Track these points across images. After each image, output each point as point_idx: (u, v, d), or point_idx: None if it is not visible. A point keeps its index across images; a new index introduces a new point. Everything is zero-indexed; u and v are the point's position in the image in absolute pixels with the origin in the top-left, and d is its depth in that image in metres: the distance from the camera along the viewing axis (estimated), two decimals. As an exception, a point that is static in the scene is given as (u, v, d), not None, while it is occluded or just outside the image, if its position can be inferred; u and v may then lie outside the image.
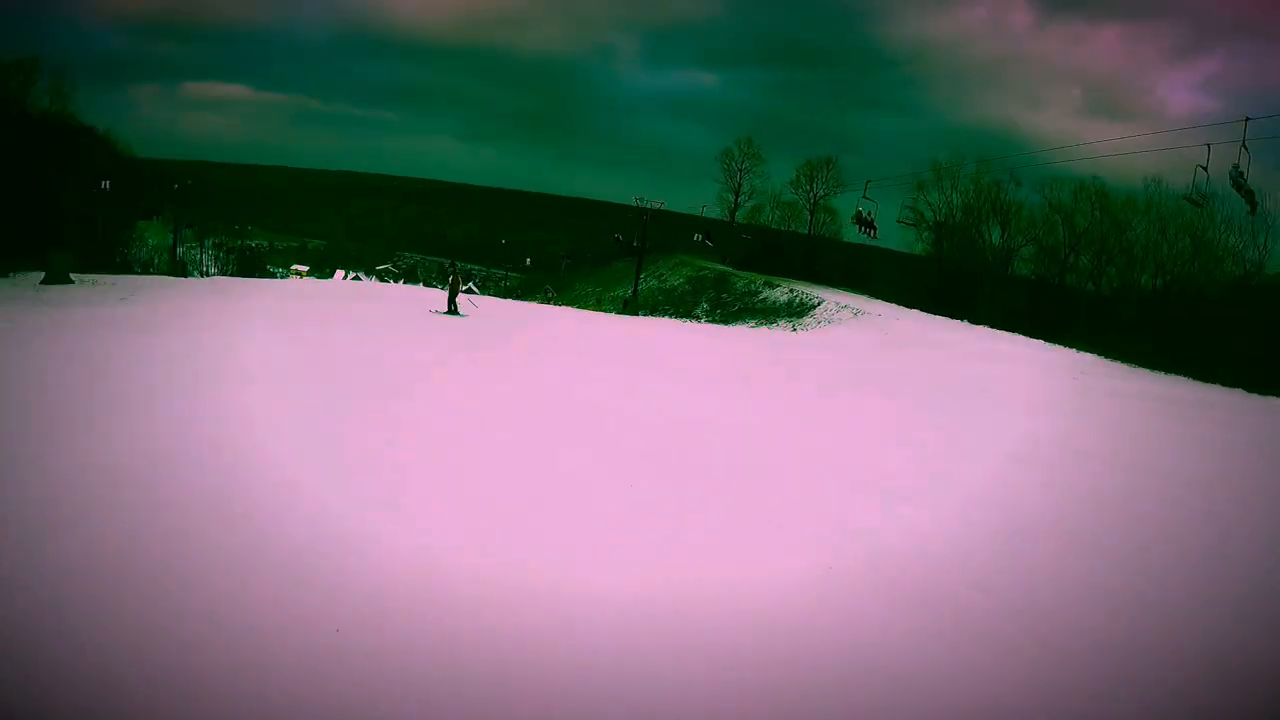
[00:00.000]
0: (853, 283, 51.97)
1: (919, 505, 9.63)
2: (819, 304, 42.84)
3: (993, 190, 52.23)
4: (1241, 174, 24.70)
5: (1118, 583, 7.74)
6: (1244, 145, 24.07)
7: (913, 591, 6.98)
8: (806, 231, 63.77)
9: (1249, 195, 25.36)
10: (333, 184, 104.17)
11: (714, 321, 47.27)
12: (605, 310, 54.20)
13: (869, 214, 33.26)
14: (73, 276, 29.49)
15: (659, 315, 50.72)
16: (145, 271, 49.99)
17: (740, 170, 65.03)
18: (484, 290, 76.78)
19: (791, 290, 47.02)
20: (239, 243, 75.61)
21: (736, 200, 64.74)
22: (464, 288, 68.61)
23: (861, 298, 45.75)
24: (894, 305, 43.96)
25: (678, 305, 52.44)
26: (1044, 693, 5.56)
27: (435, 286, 73.66)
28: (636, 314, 50.49)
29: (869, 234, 33.61)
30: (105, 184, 41.17)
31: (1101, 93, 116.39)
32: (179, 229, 56.30)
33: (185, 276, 47.06)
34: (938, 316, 40.93)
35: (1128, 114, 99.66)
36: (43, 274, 29.43)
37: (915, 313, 41.68)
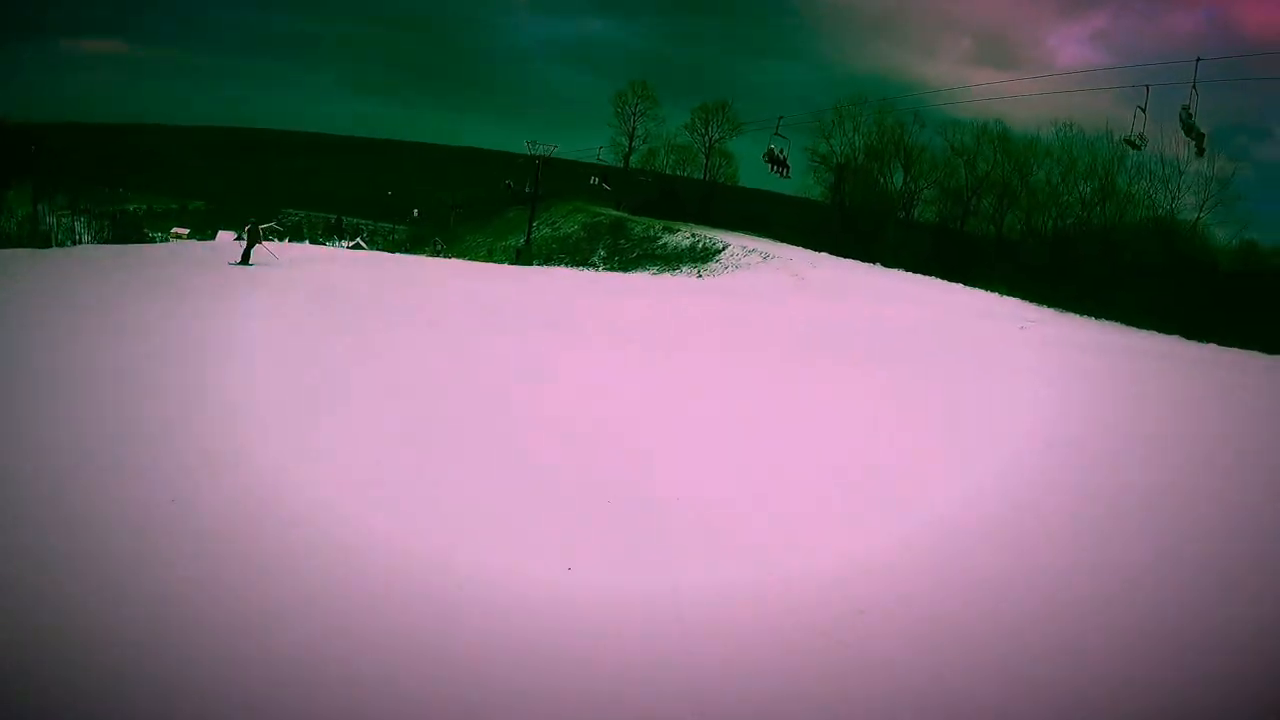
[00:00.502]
0: (752, 227, 48.23)
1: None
2: (724, 249, 38.54)
3: (896, 132, 49.31)
4: (1191, 115, 22.96)
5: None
6: (1194, 87, 22.69)
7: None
8: (702, 176, 59.98)
9: (1199, 137, 23.90)
10: (214, 141, 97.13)
11: (611, 269, 43.00)
12: (497, 261, 49.77)
13: (782, 152, 29.64)
14: None
15: (554, 264, 46.37)
16: (6, 244, 43.66)
17: (634, 114, 60.62)
18: (371, 244, 71.73)
19: (693, 235, 42.66)
20: (111, 208, 68.44)
21: (631, 144, 60.32)
22: (351, 241, 63.90)
23: (766, 241, 41.65)
24: (801, 249, 39.92)
25: (573, 253, 47.98)
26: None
27: (322, 244, 69.00)
28: (531, 264, 46.14)
29: (781, 173, 30.02)
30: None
31: (992, 43, 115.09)
32: (38, 196, 49.68)
33: (48, 247, 41.80)
34: (848, 259, 37.34)
35: (1017, 64, 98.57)
36: None
37: (825, 256, 37.74)
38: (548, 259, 47.77)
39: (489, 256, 53.45)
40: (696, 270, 37.04)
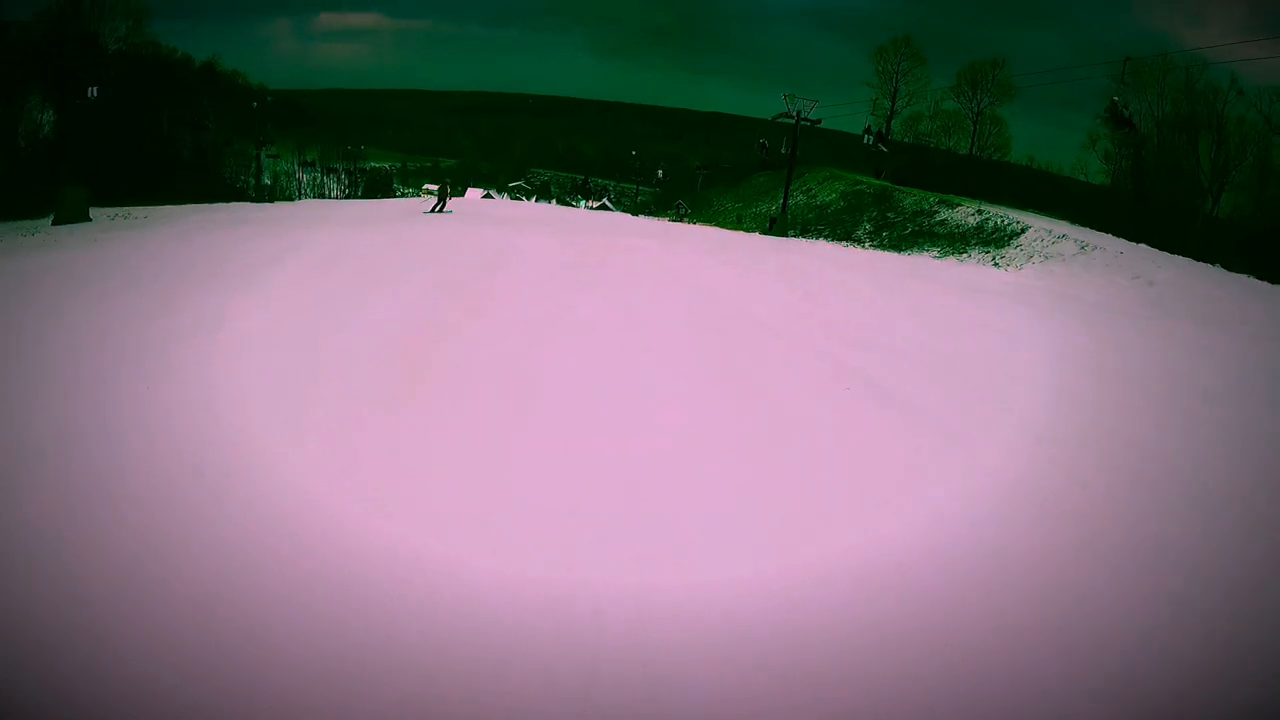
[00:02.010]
0: (1041, 206, 40.78)
1: None
2: (1022, 231, 31.00)
3: (1209, 98, 40.11)
4: None
5: None
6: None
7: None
8: (969, 145, 52.50)
9: None
10: (463, 104, 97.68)
11: (879, 247, 37.15)
12: (746, 229, 45.15)
13: (1125, 106, 22.82)
14: (96, 214, 25.49)
15: (812, 237, 41.08)
16: (238, 198, 43.83)
17: (896, 72, 53.49)
18: (617, 206, 69.28)
19: (980, 211, 35.21)
20: (350, 165, 69.35)
21: (893, 107, 53.32)
22: (597, 202, 63.22)
23: (1068, 224, 33.69)
24: (1117, 238, 30.57)
25: (834, 225, 42.27)
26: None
27: (569, 204, 68.26)
28: (785, 234, 41.18)
29: (1127, 133, 23.36)
30: (92, 91, 33.25)
31: (1272, 11, 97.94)
32: (260, 151, 50.15)
33: (270, 202, 41.62)
34: (1174, 256, 28.09)
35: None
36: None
37: (1145, 248, 29.10)
38: (804, 230, 42.50)
39: (738, 224, 48.79)
40: (991, 257, 30.46)
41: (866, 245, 37.71)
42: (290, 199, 52.55)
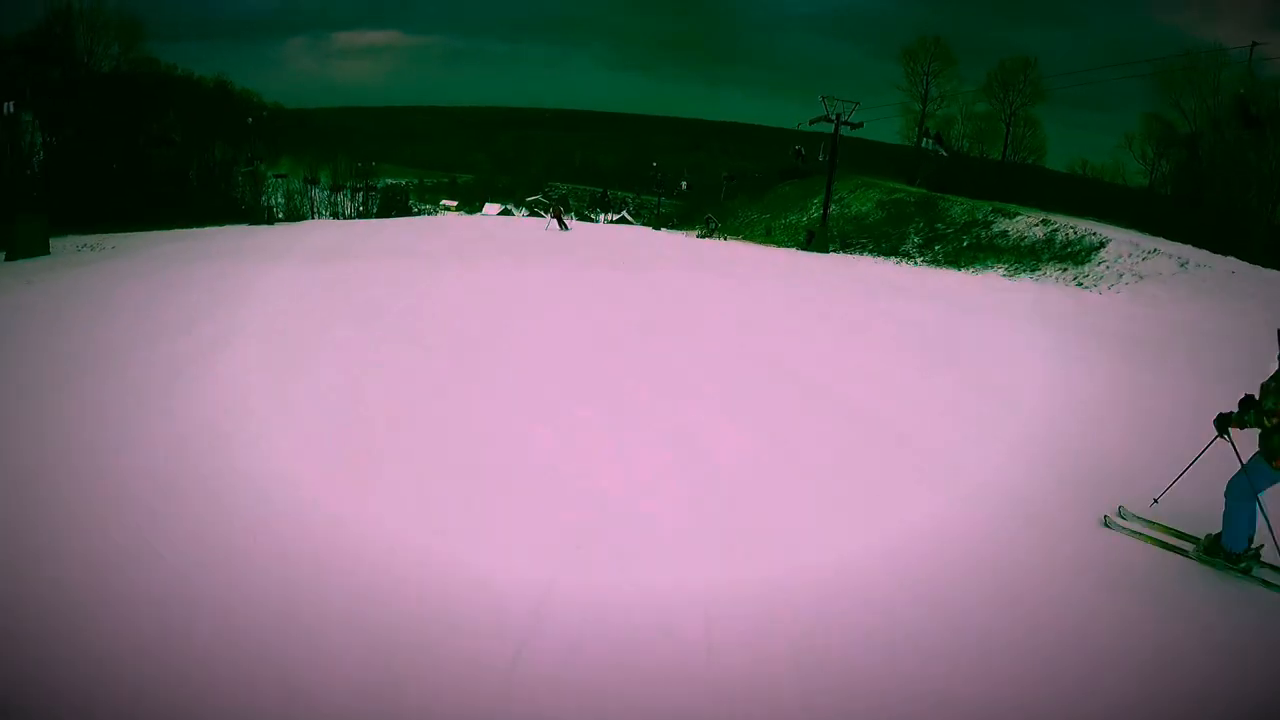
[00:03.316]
0: (1099, 213, 36.62)
1: None
2: (1103, 244, 26.75)
3: (1269, 93, 36.18)
4: None
5: None
6: None
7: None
8: (1002, 149, 48.48)
9: None
10: (480, 119, 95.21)
11: (933, 263, 33.17)
12: (777, 243, 41.44)
13: (1253, 102, 19.18)
14: (63, 244, 21.69)
15: (854, 252, 37.18)
16: (246, 219, 40.81)
17: (927, 74, 49.31)
18: (637, 219, 65.83)
19: (1046, 221, 30.73)
20: (363, 183, 65.98)
21: (924, 109, 49.12)
22: (616, 215, 60.44)
23: (1144, 234, 29.21)
24: (1199, 249, 25.71)
25: (876, 238, 38.20)
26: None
27: (589, 218, 65.67)
28: (826, 250, 37.38)
29: (1259, 132, 19.74)
30: (7, 107, 29.41)
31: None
32: (256, 169, 46.82)
33: (270, 224, 38.78)
34: (1266, 269, 23.80)
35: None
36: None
37: (1235, 261, 24.25)
38: (845, 244, 38.57)
39: (768, 236, 44.97)
40: (1071, 275, 26.16)
41: (918, 261, 33.77)
42: (302, 218, 49.34)
